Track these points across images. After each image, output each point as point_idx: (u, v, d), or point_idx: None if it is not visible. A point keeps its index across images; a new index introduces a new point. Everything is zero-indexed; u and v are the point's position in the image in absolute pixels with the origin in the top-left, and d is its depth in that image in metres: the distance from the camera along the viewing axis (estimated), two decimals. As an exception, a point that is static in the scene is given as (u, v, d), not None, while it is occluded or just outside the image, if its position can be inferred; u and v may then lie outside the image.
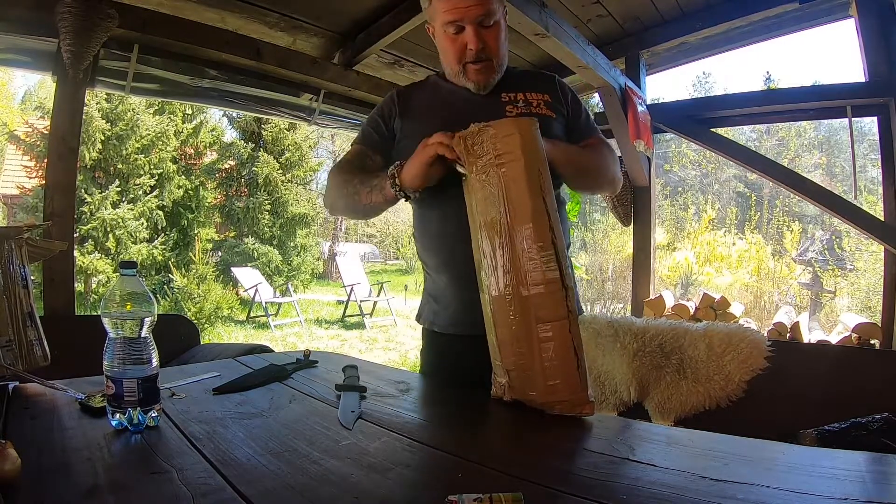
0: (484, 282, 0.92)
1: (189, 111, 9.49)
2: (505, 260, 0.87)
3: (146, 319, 0.77)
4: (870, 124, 2.84)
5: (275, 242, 9.87)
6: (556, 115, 1.12)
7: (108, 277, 7.73)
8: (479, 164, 0.90)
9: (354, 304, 8.00)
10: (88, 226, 7.77)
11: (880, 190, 2.61)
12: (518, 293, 0.86)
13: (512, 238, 0.87)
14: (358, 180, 1.07)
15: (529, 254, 0.85)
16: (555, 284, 0.85)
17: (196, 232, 9.22)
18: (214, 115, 10.40)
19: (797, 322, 2.94)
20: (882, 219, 2.52)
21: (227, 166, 10.15)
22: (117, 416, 0.76)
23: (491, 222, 0.88)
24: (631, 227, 3.27)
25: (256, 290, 7.66)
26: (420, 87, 1.22)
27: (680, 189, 12.98)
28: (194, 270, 7.77)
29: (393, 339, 6.82)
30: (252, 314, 7.94)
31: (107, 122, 7.99)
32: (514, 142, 0.87)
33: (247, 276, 8.21)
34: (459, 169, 0.93)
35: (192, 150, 9.83)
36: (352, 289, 7.98)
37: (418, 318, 1.24)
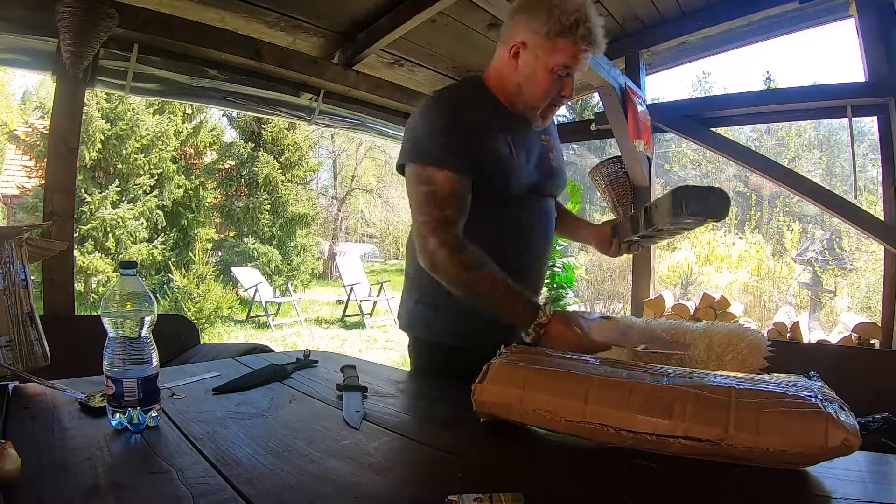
0: None
1: (189, 111, 9.49)
2: None
3: (146, 319, 0.77)
4: (870, 124, 2.84)
5: (275, 242, 9.87)
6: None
7: (108, 277, 7.73)
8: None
9: (354, 304, 8.00)
10: (88, 226, 7.77)
11: (880, 190, 2.60)
12: None
13: None
14: (486, 285, 0.98)
15: None
16: None
17: (196, 232, 9.22)
18: (214, 115, 10.42)
19: (797, 322, 2.93)
20: (882, 219, 2.51)
21: (227, 166, 10.15)
22: (117, 416, 0.76)
23: None
24: (631, 226, 3.26)
25: (256, 290, 7.66)
26: (472, 97, 1.11)
27: (680, 189, 12.94)
28: (194, 270, 7.76)
29: (393, 339, 6.81)
30: (252, 314, 7.94)
31: (107, 121, 7.99)
32: None
33: (247, 275, 8.20)
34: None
35: (192, 150, 9.83)
36: (352, 289, 7.98)
37: (405, 328, 1.21)
